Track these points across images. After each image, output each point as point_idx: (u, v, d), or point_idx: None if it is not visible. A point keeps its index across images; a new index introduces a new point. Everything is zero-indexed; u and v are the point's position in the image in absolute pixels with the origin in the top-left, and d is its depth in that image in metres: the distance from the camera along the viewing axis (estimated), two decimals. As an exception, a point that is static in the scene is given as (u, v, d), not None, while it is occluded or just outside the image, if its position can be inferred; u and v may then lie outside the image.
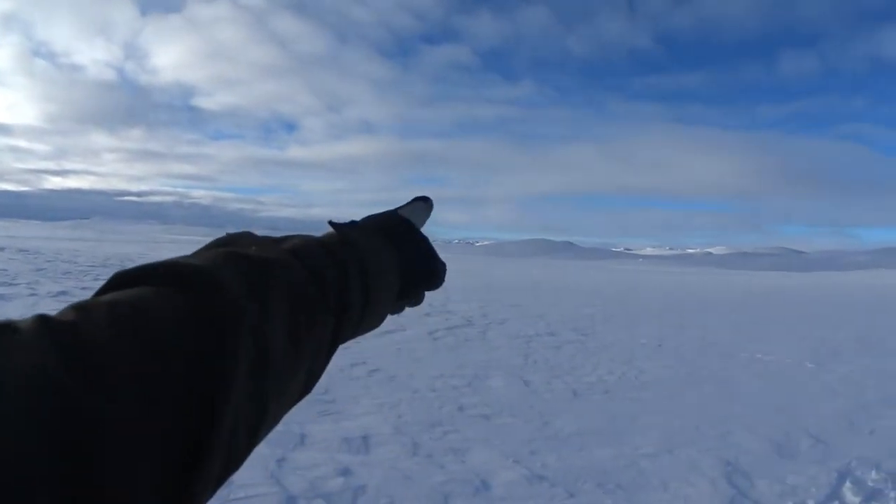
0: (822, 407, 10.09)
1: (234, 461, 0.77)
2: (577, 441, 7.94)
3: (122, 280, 0.78)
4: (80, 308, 0.69)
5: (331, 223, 1.15)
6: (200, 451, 0.69)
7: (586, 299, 27.31)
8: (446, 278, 1.27)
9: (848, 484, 6.86)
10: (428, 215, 1.36)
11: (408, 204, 1.34)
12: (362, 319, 1.07)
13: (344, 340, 1.03)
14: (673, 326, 19.45)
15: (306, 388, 0.97)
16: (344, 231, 1.12)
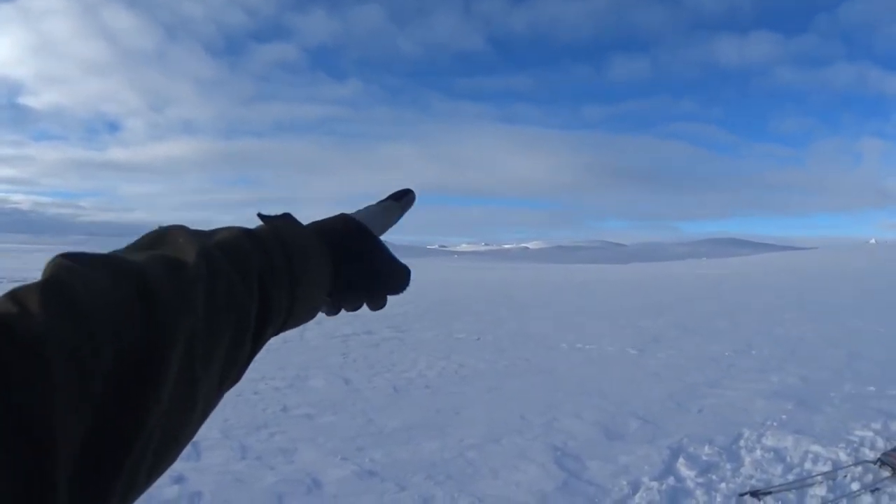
0: (647, 390, 10.58)
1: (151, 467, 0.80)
2: (403, 436, 8.08)
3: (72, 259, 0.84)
4: (14, 297, 0.72)
5: (259, 215, 1.13)
6: (122, 447, 0.73)
7: (401, 297, 27.23)
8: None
9: (682, 460, 7.24)
10: (396, 214, 1.33)
11: (378, 203, 1.31)
12: (287, 320, 1.09)
13: (268, 338, 1.04)
14: (490, 321, 19.94)
15: (229, 384, 0.99)
16: (274, 224, 1.10)
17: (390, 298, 1.27)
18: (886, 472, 6.68)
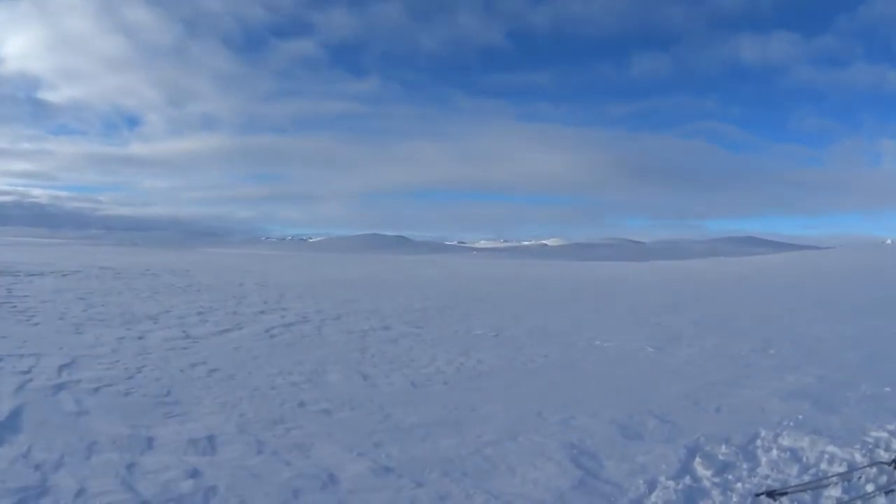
0: (665, 388, 10.60)
1: None
2: (420, 432, 8.11)
3: None
4: None
5: None
6: None
7: (420, 293, 27.56)
8: (281, 277, 1.09)
9: (698, 459, 7.24)
10: None
11: None
12: None
13: None
14: (508, 317, 19.98)
15: None
16: None
17: (411, 294, 1.27)
18: (901, 474, 6.68)
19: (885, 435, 7.98)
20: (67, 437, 7.37)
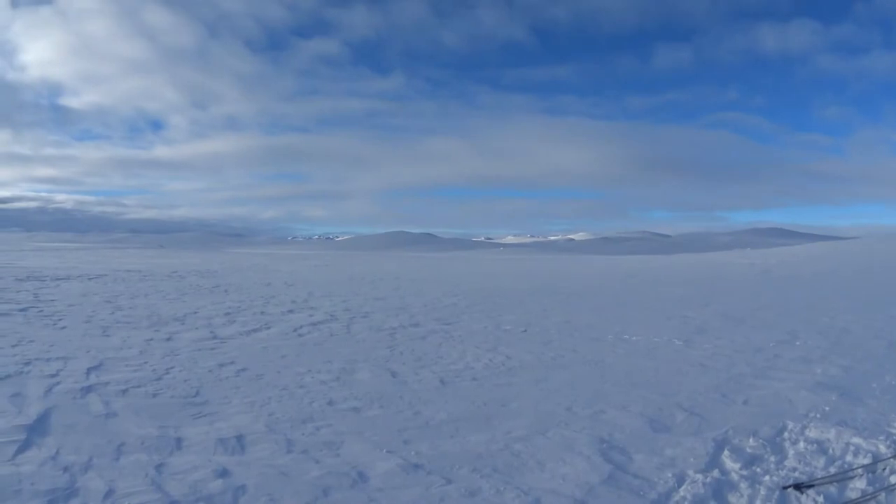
0: (693, 381, 10.60)
1: None
2: (449, 428, 8.15)
3: None
4: None
5: None
6: None
7: (448, 289, 27.61)
8: (309, 276, 1.10)
9: (727, 452, 7.26)
10: None
11: None
12: None
13: None
14: (536, 312, 20.00)
15: None
16: None
17: (439, 290, 1.28)
18: (924, 466, 6.68)
19: (909, 426, 7.99)
20: (96, 439, 7.45)
